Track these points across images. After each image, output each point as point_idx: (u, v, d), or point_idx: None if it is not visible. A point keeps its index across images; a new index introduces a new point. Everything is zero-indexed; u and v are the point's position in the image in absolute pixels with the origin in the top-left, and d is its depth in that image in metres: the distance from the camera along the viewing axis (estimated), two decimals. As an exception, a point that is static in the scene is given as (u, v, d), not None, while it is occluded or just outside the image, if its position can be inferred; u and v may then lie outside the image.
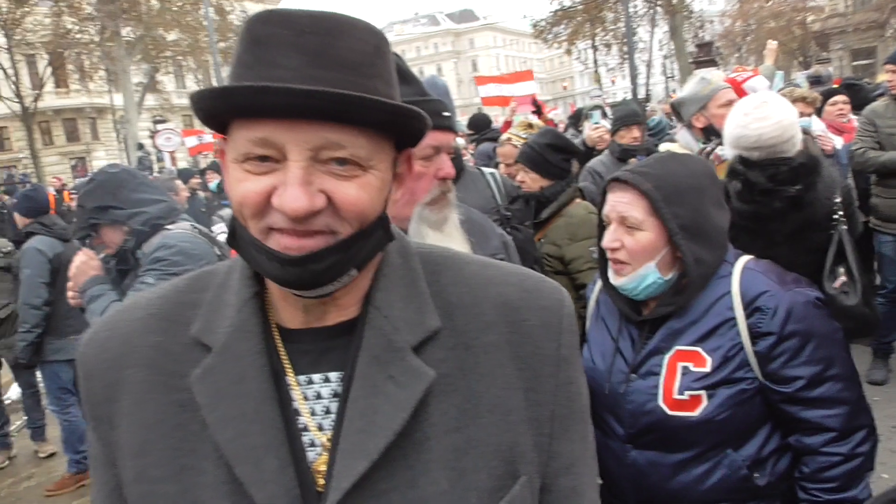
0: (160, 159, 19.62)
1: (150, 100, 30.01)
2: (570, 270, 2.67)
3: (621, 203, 1.51)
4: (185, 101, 35.42)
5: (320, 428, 0.73)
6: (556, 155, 2.84)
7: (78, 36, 24.44)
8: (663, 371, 1.48)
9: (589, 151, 5.13)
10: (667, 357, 1.49)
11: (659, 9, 25.06)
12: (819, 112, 4.90)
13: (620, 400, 1.53)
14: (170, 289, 0.83)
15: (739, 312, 1.45)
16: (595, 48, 29.07)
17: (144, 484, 0.74)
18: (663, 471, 1.47)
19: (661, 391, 1.47)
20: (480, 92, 10.44)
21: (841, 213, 2.04)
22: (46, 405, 4.83)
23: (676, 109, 3.15)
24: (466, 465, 0.72)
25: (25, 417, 5.22)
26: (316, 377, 0.75)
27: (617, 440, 1.54)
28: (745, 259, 1.55)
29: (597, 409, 1.57)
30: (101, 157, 35.97)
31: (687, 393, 1.44)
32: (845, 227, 2.03)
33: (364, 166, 0.69)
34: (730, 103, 2.67)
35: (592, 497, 0.82)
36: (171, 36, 26.92)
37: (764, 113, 2.00)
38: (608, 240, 1.53)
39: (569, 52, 29.10)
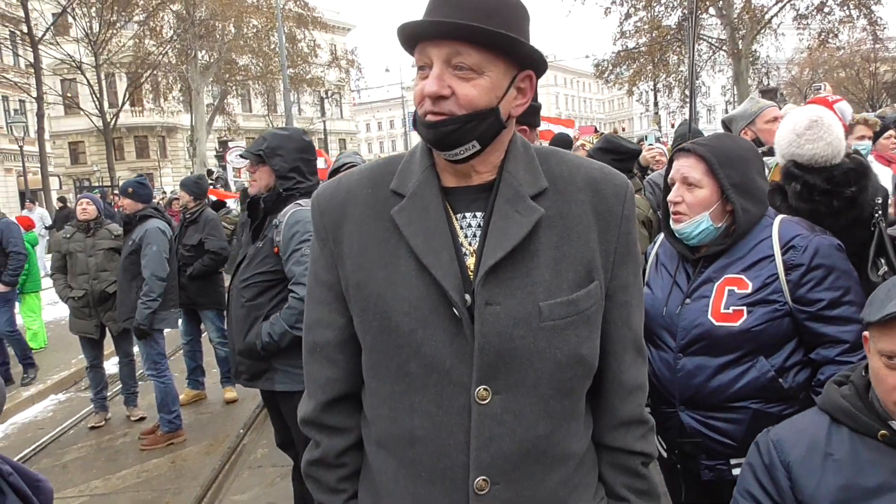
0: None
1: (218, 121, 31.55)
2: None
3: (684, 166, 1.94)
4: (251, 124, 37.47)
5: (471, 244, 1.15)
6: (605, 156, 3.23)
7: (157, 58, 26.08)
8: (713, 294, 1.88)
9: (644, 171, 5.51)
10: (716, 284, 1.89)
11: (723, 53, 25.23)
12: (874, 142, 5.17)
13: (675, 319, 1.93)
14: (372, 165, 1.28)
15: (777, 250, 1.85)
16: (657, 90, 29.37)
17: (363, 272, 1.16)
18: (707, 372, 1.86)
19: (710, 308, 1.87)
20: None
21: (881, 212, 2.37)
22: (143, 371, 5.39)
23: (727, 125, 3.52)
24: (561, 267, 1.13)
25: (120, 384, 5.82)
26: (468, 214, 1.16)
27: (670, 352, 1.94)
28: (781, 216, 1.96)
29: (654, 329, 1.99)
30: (168, 174, 37.93)
31: (731, 308, 1.84)
32: (885, 224, 2.36)
33: (478, 71, 1.07)
34: (775, 119, 3.03)
35: (637, 315, 1.22)
36: (243, 60, 28.47)
37: (816, 134, 2.31)
38: (673, 195, 1.96)
39: (630, 92, 29.45)
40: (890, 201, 2.42)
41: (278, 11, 22.55)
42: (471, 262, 1.13)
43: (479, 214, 1.16)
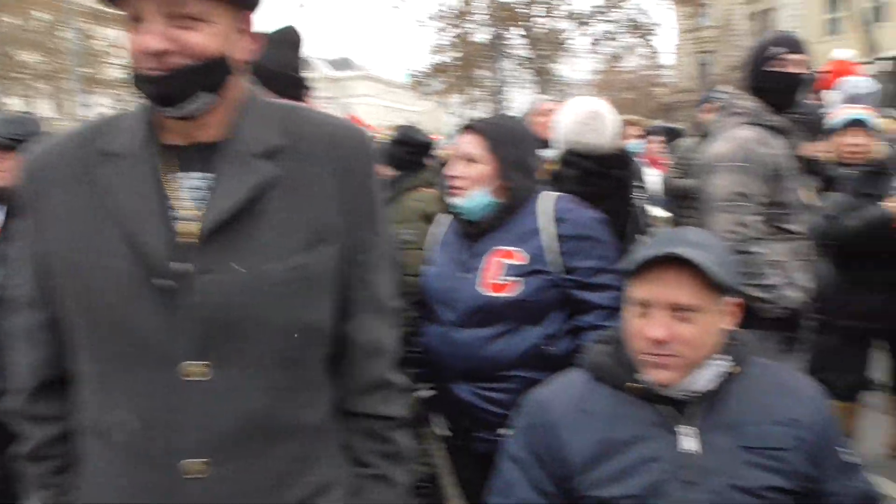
0: None
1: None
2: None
3: (465, 142, 2.01)
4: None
5: (197, 208, 1.03)
6: (400, 148, 3.24)
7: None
8: (488, 266, 1.94)
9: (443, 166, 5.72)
10: (491, 256, 1.95)
11: (528, 71, 26.93)
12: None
13: (453, 293, 1.97)
14: (86, 123, 1.16)
15: (549, 223, 1.95)
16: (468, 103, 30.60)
17: (65, 241, 1.03)
18: (481, 344, 1.91)
19: (484, 280, 1.93)
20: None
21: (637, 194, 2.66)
22: None
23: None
24: (290, 230, 1.04)
25: None
26: (195, 175, 1.05)
27: (447, 325, 1.96)
28: (551, 192, 2.07)
29: (433, 304, 2.03)
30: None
31: (504, 279, 1.91)
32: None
33: (203, 19, 0.98)
34: (545, 113, 3.31)
35: (381, 276, 1.15)
36: (27, 56, 25.47)
37: (596, 124, 2.53)
38: (452, 170, 2.01)
39: (442, 105, 30.46)
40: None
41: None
42: (194, 227, 1.03)
43: (209, 175, 1.05)
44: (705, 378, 1.38)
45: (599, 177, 2.49)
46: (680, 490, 1.32)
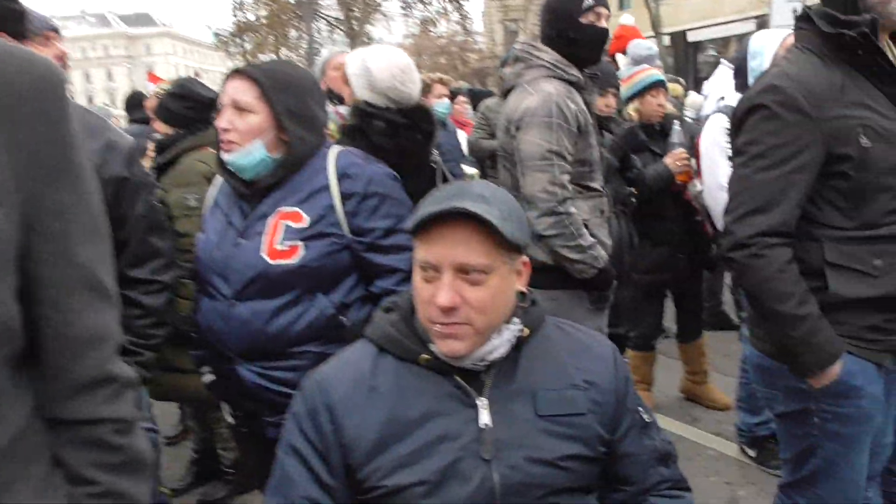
0: None
1: None
2: (170, 216, 2.63)
3: (235, 89, 1.74)
4: None
5: None
6: (178, 102, 2.86)
7: None
8: (267, 230, 1.72)
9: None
10: (271, 219, 1.73)
11: (341, 32, 26.32)
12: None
13: (229, 261, 1.74)
14: None
15: (333, 181, 1.76)
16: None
17: None
18: (264, 317, 1.69)
19: (264, 245, 1.71)
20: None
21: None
22: None
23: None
24: None
25: None
26: None
27: (224, 300, 1.73)
28: (337, 147, 1.87)
29: (206, 276, 1.78)
30: None
31: (287, 243, 1.70)
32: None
33: None
34: (340, 65, 3.04)
35: (89, 248, 0.91)
36: None
37: (410, 77, 2.32)
38: (222, 122, 1.74)
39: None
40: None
41: None
42: None
43: None
44: (500, 345, 1.26)
45: (408, 129, 2.30)
46: (476, 469, 1.19)
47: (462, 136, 5.25)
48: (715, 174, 3.00)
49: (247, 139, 1.73)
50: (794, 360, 1.64)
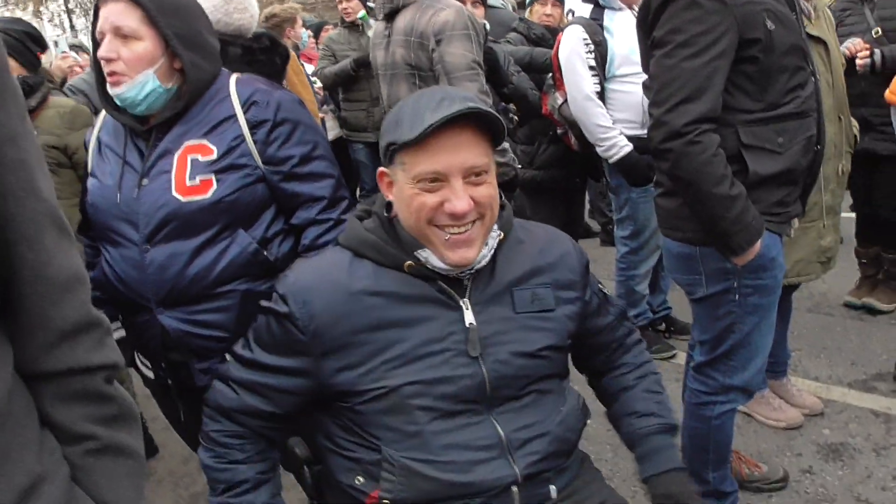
0: None
1: None
2: (74, 161, 2.59)
3: (114, 13, 1.54)
4: None
5: None
6: (35, 44, 2.63)
7: None
8: (174, 166, 1.59)
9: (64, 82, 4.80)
10: (177, 154, 1.59)
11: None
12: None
13: (134, 205, 1.59)
14: None
15: (238, 109, 1.63)
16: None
17: None
18: (182, 259, 1.58)
19: (173, 183, 1.57)
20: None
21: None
22: None
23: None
24: None
25: None
26: None
27: (133, 246, 1.59)
28: (236, 74, 1.74)
29: (110, 224, 1.61)
30: None
31: (198, 178, 1.58)
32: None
33: None
34: None
35: (46, 180, 0.81)
36: None
37: (240, 5, 2.19)
38: (104, 51, 1.55)
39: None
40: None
41: None
42: None
43: None
44: (487, 252, 1.33)
45: (266, 53, 2.19)
46: (465, 367, 1.28)
47: (310, 70, 5.06)
48: (579, 85, 3.12)
49: (135, 69, 1.56)
50: (726, 241, 1.72)
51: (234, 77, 1.71)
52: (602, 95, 3.14)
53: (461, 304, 1.32)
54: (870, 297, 3.74)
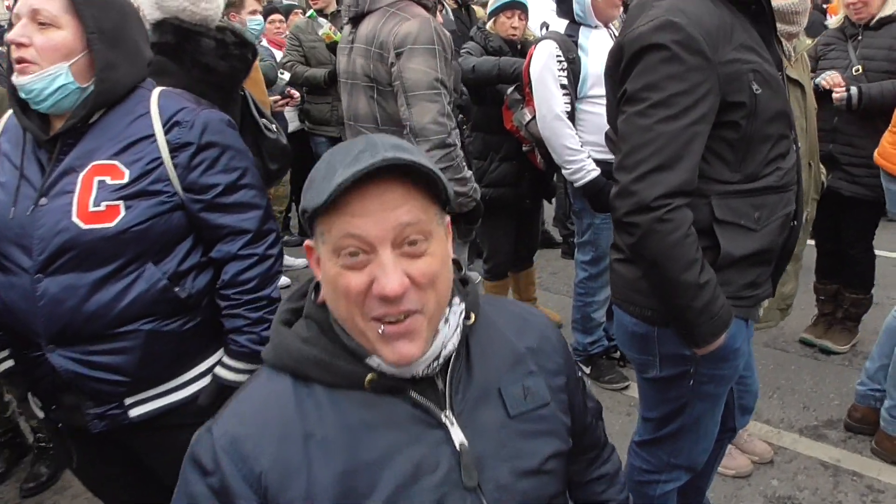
0: None
1: None
2: None
3: None
4: None
5: None
6: None
7: None
8: (78, 188, 1.41)
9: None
10: (82, 174, 1.42)
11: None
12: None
13: (28, 226, 1.40)
14: None
15: (158, 129, 1.46)
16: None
17: None
18: (80, 294, 1.40)
19: (75, 207, 1.40)
20: None
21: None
22: None
23: None
24: None
25: None
26: None
27: (25, 274, 1.40)
28: (161, 88, 1.56)
29: (1, 245, 1.43)
30: None
31: (104, 204, 1.40)
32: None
33: None
34: None
35: None
36: None
37: None
38: (15, 34, 1.37)
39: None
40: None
41: None
42: None
43: None
44: (451, 334, 0.98)
45: (239, 47, 1.98)
46: (463, 501, 0.95)
47: (279, 58, 4.84)
48: (549, 103, 2.98)
49: (48, 59, 1.39)
50: (689, 330, 1.52)
51: (157, 91, 1.53)
52: (572, 115, 3.00)
53: (443, 419, 0.96)
54: (825, 338, 3.69)
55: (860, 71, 3.20)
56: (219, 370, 1.59)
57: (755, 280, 1.60)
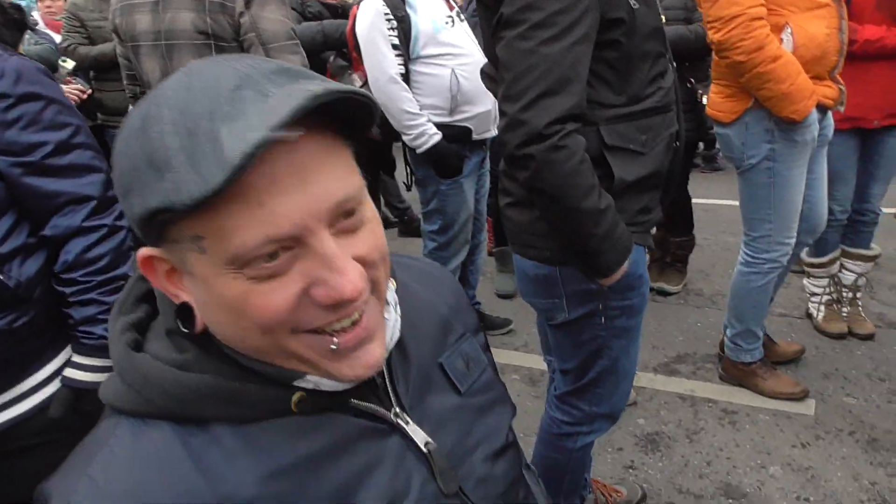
0: None
1: None
2: None
3: None
4: None
5: None
6: None
7: None
8: None
9: None
10: None
11: None
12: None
13: None
14: None
15: None
16: None
17: None
18: None
19: None
20: None
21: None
22: None
23: None
24: None
25: None
26: None
27: None
28: None
29: None
30: None
31: None
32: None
33: None
34: None
35: None
36: None
37: None
38: None
39: None
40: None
41: None
42: None
43: None
44: (393, 318, 0.74)
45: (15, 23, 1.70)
46: None
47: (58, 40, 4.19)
48: (381, 66, 2.80)
49: None
50: (594, 260, 1.46)
51: None
52: (406, 78, 2.85)
53: (393, 419, 0.73)
54: (661, 280, 3.90)
55: (665, 21, 3.42)
56: (69, 371, 1.32)
57: (647, 205, 1.57)
